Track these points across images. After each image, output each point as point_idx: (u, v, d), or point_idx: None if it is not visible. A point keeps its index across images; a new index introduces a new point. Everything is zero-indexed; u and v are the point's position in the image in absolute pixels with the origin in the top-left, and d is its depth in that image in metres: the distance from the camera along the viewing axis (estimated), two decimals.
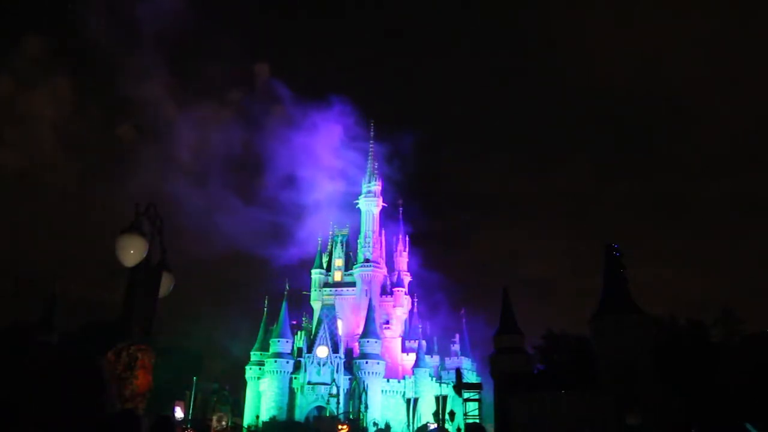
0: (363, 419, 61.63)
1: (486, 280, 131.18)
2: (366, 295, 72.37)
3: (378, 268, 75.64)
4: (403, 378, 68.48)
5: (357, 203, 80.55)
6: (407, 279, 79.67)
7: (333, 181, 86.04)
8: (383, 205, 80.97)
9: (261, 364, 68.57)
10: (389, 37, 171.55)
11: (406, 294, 77.47)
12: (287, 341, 68.69)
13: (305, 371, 66.58)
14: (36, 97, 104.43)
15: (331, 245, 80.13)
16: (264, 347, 69.43)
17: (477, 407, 43.02)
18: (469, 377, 67.74)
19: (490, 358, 45.29)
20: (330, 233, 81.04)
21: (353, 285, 75.66)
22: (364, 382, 64.71)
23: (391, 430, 63.33)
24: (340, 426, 55.31)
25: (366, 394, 63.79)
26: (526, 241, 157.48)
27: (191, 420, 54.65)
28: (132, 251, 5.96)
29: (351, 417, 60.54)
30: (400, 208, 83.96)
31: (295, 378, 67.20)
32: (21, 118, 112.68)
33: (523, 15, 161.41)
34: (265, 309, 72.75)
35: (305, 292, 77.27)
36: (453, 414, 50.10)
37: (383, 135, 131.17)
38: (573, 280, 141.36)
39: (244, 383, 70.25)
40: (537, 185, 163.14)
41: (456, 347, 73.14)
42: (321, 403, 65.06)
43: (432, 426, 53.10)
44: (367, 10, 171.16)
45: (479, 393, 44.67)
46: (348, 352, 68.76)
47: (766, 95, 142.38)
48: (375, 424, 61.71)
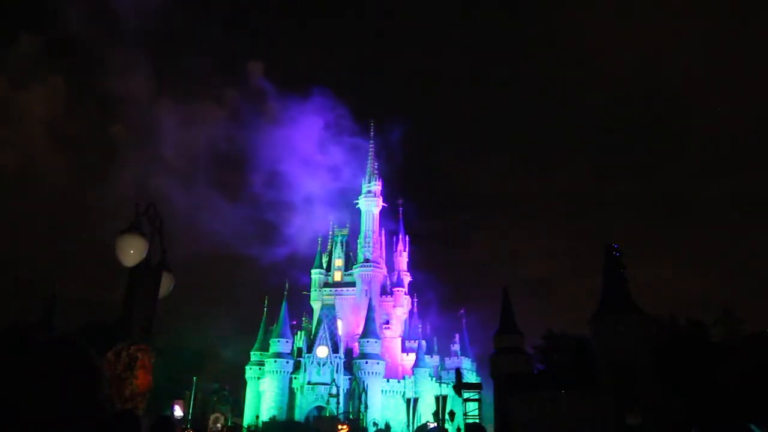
0: (363, 419, 61.63)
1: (486, 280, 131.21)
2: (366, 295, 72.38)
3: (378, 268, 75.65)
4: (403, 378, 68.48)
5: (357, 203, 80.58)
6: (407, 279, 79.68)
7: (329, 178, 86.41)
8: (383, 205, 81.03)
9: (261, 364, 68.59)
10: (389, 37, 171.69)
11: (406, 294, 77.48)
12: (287, 341, 68.72)
13: (305, 371, 66.59)
14: (29, 96, 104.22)
15: (331, 245, 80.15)
16: (264, 347, 69.45)
17: (477, 407, 43.03)
18: (469, 377, 67.74)
19: (490, 358, 45.30)
20: (330, 233, 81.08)
21: (353, 285, 75.67)
22: (364, 382, 64.72)
23: (391, 430, 63.32)
24: (340, 426, 55.31)
25: (366, 394, 63.79)
26: (526, 241, 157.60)
27: (191, 420, 54.65)
28: (132, 251, 5.96)
29: (351, 417, 60.54)
30: (400, 208, 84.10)
31: (295, 378, 67.22)
32: (13, 117, 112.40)
33: (523, 15, 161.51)
34: (265, 309, 72.89)
35: (305, 292, 77.34)
36: (453, 414, 50.10)
37: (383, 135, 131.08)
38: (573, 280, 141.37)
39: (244, 383, 70.26)
40: (537, 185, 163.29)
41: (456, 347, 73.15)
42: (321, 403, 65.06)
43: (431, 425, 53.10)
44: (367, 9, 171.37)
45: (479, 393, 44.68)
46: (348, 352, 68.78)
47: (766, 95, 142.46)
48: (375, 424, 61.69)
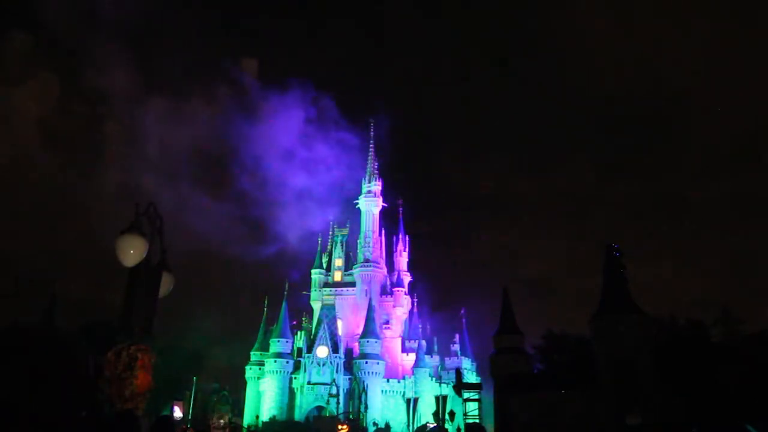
0: (363, 419, 61.65)
1: (486, 280, 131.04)
2: (366, 295, 72.41)
3: (378, 268, 75.68)
4: (403, 378, 68.51)
5: (357, 203, 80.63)
6: (407, 279, 79.70)
7: (321, 174, 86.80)
8: (383, 205, 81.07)
9: (261, 364, 68.63)
10: (389, 37, 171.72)
11: (406, 294, 77.50)
12: (287, 341, 68.76)
13: (305, 371, 66.62)
14: (19, 93, 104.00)
15: (331, 245, 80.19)
16: (264, 347, 69.49)
17: (477, 407, 43.03)
18: (469, 377, 67.76)
19: (490, 358, 45.26)
20: (330, 233, 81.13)
21: (353, 285, 75.70)
22: (364, 382, 64.74)
23: (391, 430, 63.35)
24: (340, 426, 55.31)
25: (366, 394, 63.81)
26: (526, 241, 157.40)
27: (191, 420, 54.63)
28: (132, 251, 5.97)
29: (351, 417, 60.55)
30: (400, 208, 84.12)
31: (295, 378, 67.26)
32: (4, 114, 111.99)
33: (524, 15, 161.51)
34: (265, 309, 72.93)
35: (305, 292, 77.38)
36: (453, 414, 50.11)
37: (383, 134, 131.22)
38: (573, 280, 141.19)
39: (244, 383, 70.30)
40: (537, 185, 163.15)
41: (456, 347, 73.14)
42: (321, 403, 65.09)
43: (431, 426, 53.10)
44: (366, 8, 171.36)
45: (479, 393, 44.67)
46: (348, 352, 68.80)
47: (766, 95, 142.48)
48: (375, 424, 61.72)
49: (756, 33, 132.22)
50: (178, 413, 50.98)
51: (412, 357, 71.03)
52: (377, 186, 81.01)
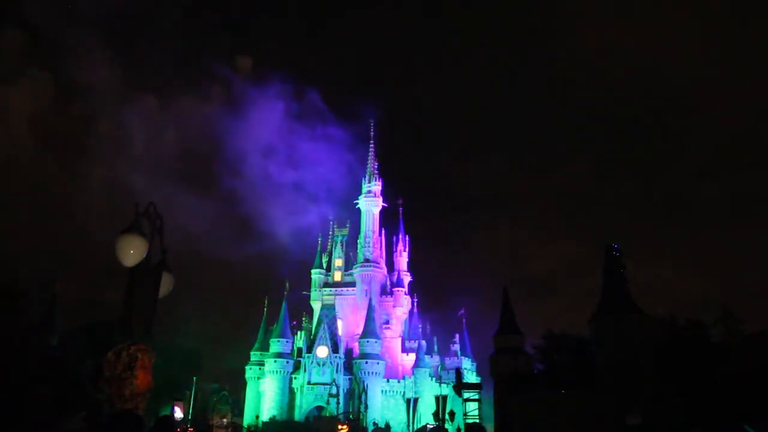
0: (363, 419, 61.63)
1: (486, 280, 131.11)
2: (366, 295, 72.39)
3: (378, 268, 75.67)
4: (403, 378, 68.48)
5: (357, 203, 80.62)
6: (407, 279, 79.68)
7: (321, 173, 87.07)
8: (383, 205, 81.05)
9: (261, 364, 68.64)
10: (389, 36, 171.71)
11: (406, 294, 77.47)
12: (287, 341, 68.74)
13: (305, 371, 66.62)
14: (11, 92, 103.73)
15: (331, 245, 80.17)
16: (264, 347, 69.49)
17: (477, 407, 43.03)
18: (469, 377, 67.74)
19: (490, 358, 45.24)
20: (330, 233, 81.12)
21: (353, 285, 75.68)
22: (364, 382, 64.73)
23: (391, 430, 63.32)
24: (340, 426, 55.30)
25: (366, 394, 63.79)
26: (526, 241, 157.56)
27: (191, 420, 54.59)
28: (132, 251, 5.96)
29: (351, 417, 60.54)
30: (400, 208, 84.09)
31: (295, 378, 67.26)
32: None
33: (524, 14, 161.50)
34: (265, 309, 72.95)
35: (305, 292, 77.38)
36: (453, 414, 50.08)
37: (382, 134, 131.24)
38: (573, 280, 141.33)
39: (244, 383, 70.29)
40: (537, 185, 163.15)
41: (456, 347, 73.11)
42: (321, 403, 65.08)
43: (431, 427, 53.07)
44: (368, 8, 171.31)
45: (479, 393, 44.66)
46: (348, 352, 68.79)
47: (766, 95, 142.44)
48: (375, 424, 61.70)
49: (756, 33, 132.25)
50: (178, 413, 50.94)
51: (412, 357, 71.00)
52: (377, 186, 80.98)
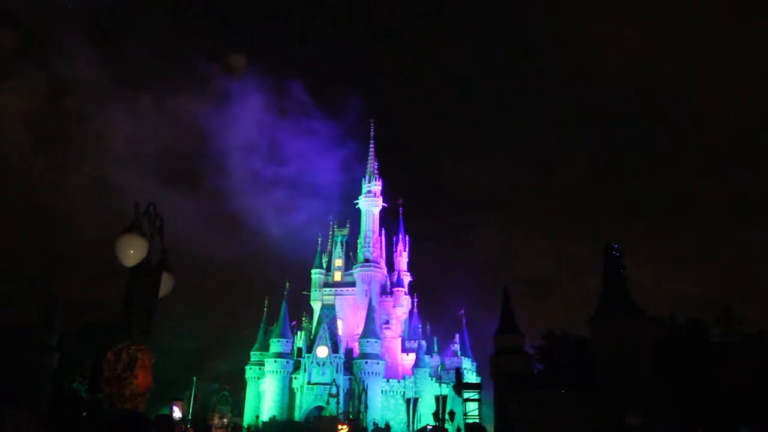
0: (363, 419, 61.63)
1: (486, 280, 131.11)
2: (366, 295, 72.41)
3: (378, 268, 75.67)
4: (403, 378, 68.48)
5: (357, 203, 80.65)
6: (407, 279, 79.71)
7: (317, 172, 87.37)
8: (383, 205, 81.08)
9: (261, 364, 68.64)
10: (390, 36, 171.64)
11: (406, 294, 77.49)
12: (287, 341, 68.75)
13: (305, 371, 66.63)
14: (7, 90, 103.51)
15: (331, 245, 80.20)
16: (264, 347, 69.49)
17: (477, 407, 43.01)
18: (469, 377, 67.76)
19: (490, 358, 45.19)
20: (330, 233, 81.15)
21: (353, 285, 75.69)
22: (364, 382, 64.73)
23: (391, 430, 63.33)
24: (340, 426, 55.27)
25: (366, 394, 63.79)
26: (526, 241, 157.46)
27: (191, 420, 54.59)
28: (132, 251, 5.95)
29: (351, 417, 60.53)
30: (400, 208, 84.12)
31: (295, 378, 67.26)
32: None
33: (524, 14, 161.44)
34: (265, 309, 72.92)
35: (305, 292, 77.41)
36: (453, 414, 50.07)
37: (382, 134, 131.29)
38: (573, 280, 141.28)
39: (244, 383, 70.31)
40: (537, 185, 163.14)
41: (456, 347, 73.13)
42: (321, 403, 65.09)
43: (430, 427, 53.04)
44: (367, 7, 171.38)
45: (479, 393, 44.64)
46: (348, 352, 68.79)
47: (766, 95, 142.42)
48: (375, 424, 61.70)
49: (756, 33, 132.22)
50: (177, 413, 50.96)
51: (412, 357, 71.01)
52: (377, 186, 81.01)
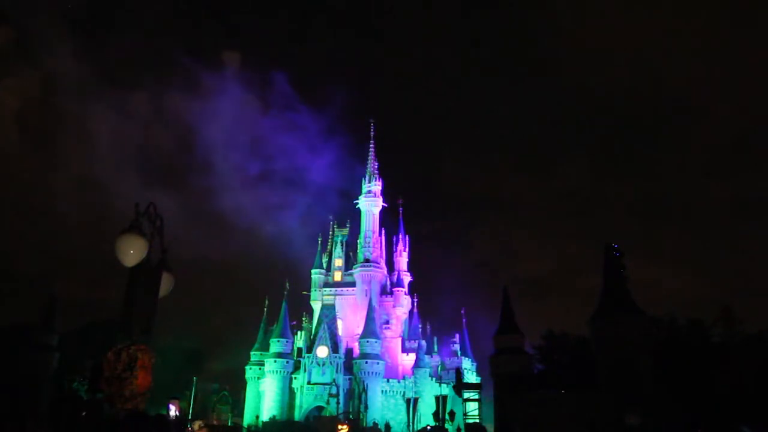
0: (363, 419, 61.62)
1: (486, 280, 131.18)
2: (366, 295, 72.40)
3: (378, 268, 75.66)
4: (403, 378, 68.48)
5: (357, 203, 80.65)
6: (407, 279, 79.68)
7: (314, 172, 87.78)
8: (383, 205, 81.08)
9: (261, 364, 68.63)
10: (387, 36, 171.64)
11: (406, 294, 77.47)
12: (287, 341, 68.74)
13: (305, 371, 66.62)
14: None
15: (331, 245, 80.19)
16: (264, 347, 69.47)
17: (477, 407, 43.01)
18: (469, 377, 67.74)
19: (490, 358, 45.20)
20: (330, 233, 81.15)
21: (353, 285, 75.68)
22: (364, 382, 64.73)
23: (391, 430, 63.33)
24: (340, 426, 55.25)
25: (366, 394, 63.79)
26: (526, 241, 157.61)
27: (191, 420, 54.57)
28: (132, 251, 5.96)
29: (351, 417, 60.52)
30: (400, 208, 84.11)
31: (295, 378, 67.26)
32: None
33: (524, 14, 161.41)
34: (265, 309, 72.90)
35: (305, 292, 77.40)
36: (453, 414, 50.07)
37: (383, 134, 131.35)
38: (573, 280, 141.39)
39: (244, 383, 70.31)
40: (537, 185, 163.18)
41: (456, 347, 73.11)
42: (321, 403, 65.08)
43: (430, 428, 53.04)
44: (366, 7, 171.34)
45: (479, 393, 44.64)
46: (348, 352, 68.78)
47: (766, 95, 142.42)
48: (375, 424, 61.69)
49: (756, 33, 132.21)
50: (173, 412, 50.88)
51: (412, 357, 71.00)
52: (377, 186, 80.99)
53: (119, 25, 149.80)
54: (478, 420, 41.34)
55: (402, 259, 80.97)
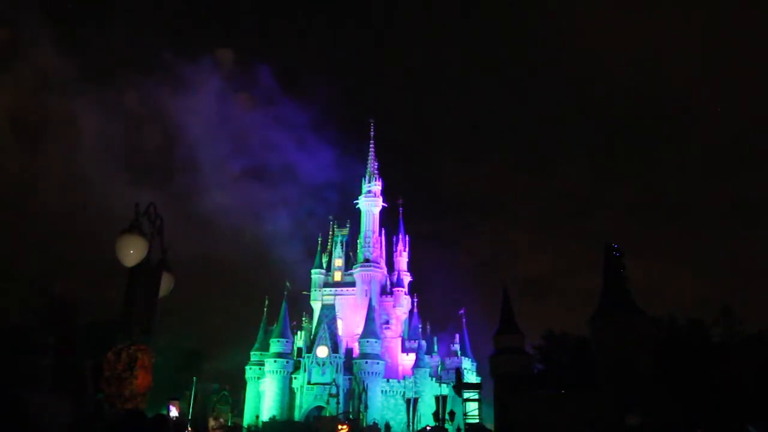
0: (363, 419, 61.60)
1: (486, 280, 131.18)
2: (366, 295, 72.37)
3: (378, 268, 75.63)
4: (403, 378, 68.46)
5: (357, 203, 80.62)
6: (407, 279, 79.65)
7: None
8: (383, 205, 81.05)
9: (261, 364, 68.60)
10: (389, 38, 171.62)
11: (406, 294, 77.45)
12: (287, 341, 68.73)
13: (305, 371, 66.60)
14: None
15: (331, 245, 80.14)
16: (264, 347, 69.45)
17: (477, 407, 43.01)
18: (469, 377, 67.74)
19: (490, 358, 45.24)
20: (330, 233, 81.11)
21: (353, 285, 75.63)
22: (364, 382, 64.71)
23: (391, 430, 63.31)
24: (340, 426, 55.21)
25: (366, 394, 63.78)
26: (525, 242, 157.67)
27: (191, 420, 54.55)
28: (132, 251, 5.95)
29: (351, 417, 60.49)
30: (400, 208, 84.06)
31: (295, 378, 67.24)
32: None
33: (523, 14, 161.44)
34: (265, 309, 72.85)
35: (305, 292, 77.37)
36: (453, 414, 50.05)
37: (383, 134, 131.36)
38: (573, 280, 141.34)
39: (244, 383, 70.28)
40: (537, 185, 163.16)
41: (456, 347, 73.09)
42: (321, 403, 65.06)
43: (429, 428, 53.03)
44: (366, 9, 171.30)
45: (479, 393, 44.65)
46: (348, 352, 68.76)
47: (766, 95, 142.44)
48: (375, 423, 61.68)
49: (756, 33, 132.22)
50: (174, 412, 50.88)
51: (412, 357, 70.97)
52: (377, 186, 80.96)
53: (105, 22, 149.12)
54: (478, 420, 41.35)
55: (402, 259, 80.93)
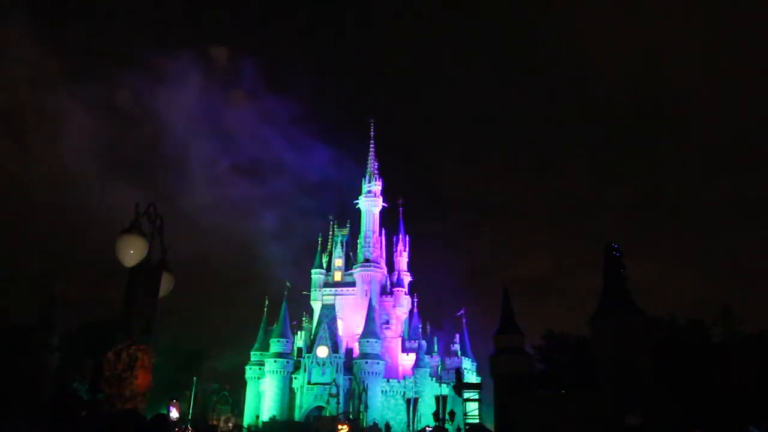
0: (363, 419, 61.60)
1: (486, 280, 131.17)
2: (366, 295, 72.38)
3: (378, 268, 75.63)
4: (403, 378, 68.46)
5: (357, 203, 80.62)
6: (407, 279, 79.65)
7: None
8: (383, 205, 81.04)
9: (261, 364, 68.61)
10: (388, 37, 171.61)
11: (406, 294, 77.44)
12: (287, 341, 68.73)
13: (305, 371, 66.61)
14: None
15: (331, 245, 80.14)
16: (264, 347, 69.46)
17: (477, 407, 43.00)
18: (469, 377, 67.73)
19: (490, 358, 45.21)
20: (330, 233, 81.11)
21: (353, 285, 75.64)
22: (364, 382, 64.71)
23: (391, 430, 63.33)
24: (340, 426, 55.23)
25: (366, 394, 63.77)
26: (525, 242, 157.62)
27: (191, 420, 54.57)
28: (132, 251, 5.95)
29: (351, 417, 60.50)
30: (400, 208, 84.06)
31: (295, 378, 67.24)
32: None
33: (523, 15, 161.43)
34: (265, 309, 72.87)
35: (305, 292, 77.37)
36: (453, 414, 50.04)
37: (383, 134, 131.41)
38: (573, 280, 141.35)
39: (244, 383, 70.29)
40: (537, 185, 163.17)
41: (456, 347, 73.08)
42: (321, 403, 65.06)
43: (429, 429, 53.03)
44: (367, 8, 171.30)
45: (479, 393, 44.63)
46: (348, 352, 68.77)
47: (765, 95, 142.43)
48: (375, 423, 61.68)
49: (756, 33, 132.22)
50: (174, 413, 50.90)
51: (412, 357, 70.97)
52: (377, 186, 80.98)
53: (87, 18, 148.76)
54: (478, 420, 41.34)
55: (402, 259, 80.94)
